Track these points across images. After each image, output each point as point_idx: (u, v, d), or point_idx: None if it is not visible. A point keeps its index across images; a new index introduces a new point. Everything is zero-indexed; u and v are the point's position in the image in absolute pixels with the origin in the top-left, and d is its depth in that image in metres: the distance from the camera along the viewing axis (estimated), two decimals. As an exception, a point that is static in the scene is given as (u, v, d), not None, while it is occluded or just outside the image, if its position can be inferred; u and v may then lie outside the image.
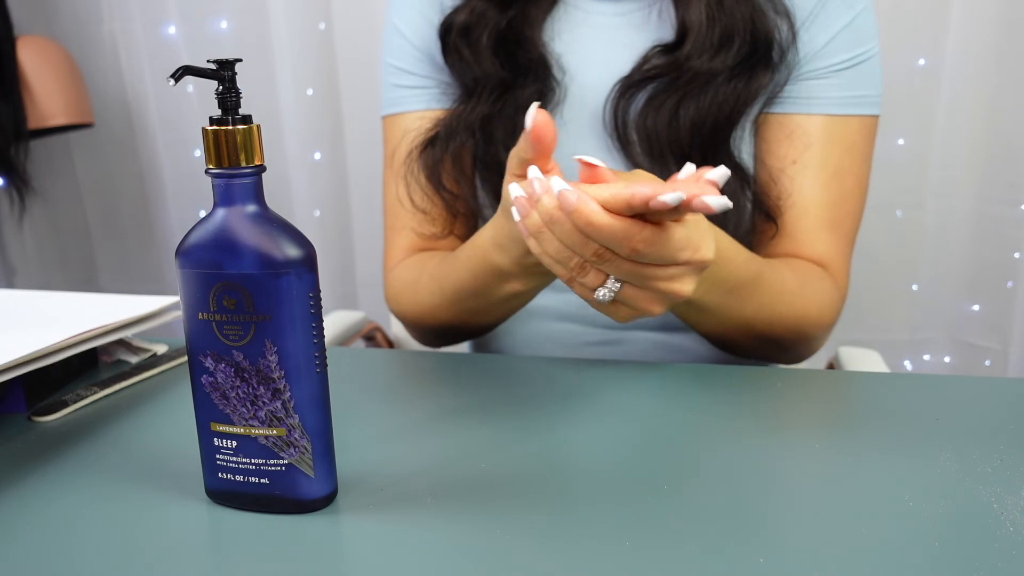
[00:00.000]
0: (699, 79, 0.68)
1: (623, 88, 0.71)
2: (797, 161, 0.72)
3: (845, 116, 0.72)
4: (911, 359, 1.48)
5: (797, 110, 0.72)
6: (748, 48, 0.69)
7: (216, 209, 0.42)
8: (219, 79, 0.41)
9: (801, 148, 0.72)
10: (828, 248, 0.73)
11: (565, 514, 0.43)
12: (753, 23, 0.69)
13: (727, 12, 0.68)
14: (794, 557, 0.39)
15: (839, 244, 0.74)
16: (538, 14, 0.75)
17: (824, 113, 0.71)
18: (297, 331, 0.41)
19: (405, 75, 0.80)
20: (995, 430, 0.52)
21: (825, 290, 0.71)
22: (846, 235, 0.74)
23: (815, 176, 0.72)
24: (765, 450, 0.50)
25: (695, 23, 0.69)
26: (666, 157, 0.70)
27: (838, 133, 0.72)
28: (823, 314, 0.71)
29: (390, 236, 0.82)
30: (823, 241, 0.73)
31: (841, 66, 0.71)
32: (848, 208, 0.74)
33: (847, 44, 0.71)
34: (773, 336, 0.69)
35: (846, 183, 0.73)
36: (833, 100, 0.71)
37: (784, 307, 0.67)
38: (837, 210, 0.73)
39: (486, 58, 0.74)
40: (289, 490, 0.43)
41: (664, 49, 0.71)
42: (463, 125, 0.75)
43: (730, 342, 0.71)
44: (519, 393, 0.60)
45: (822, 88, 0.71)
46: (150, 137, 1.67)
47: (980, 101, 1.30)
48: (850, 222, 0.74)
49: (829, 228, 0.73)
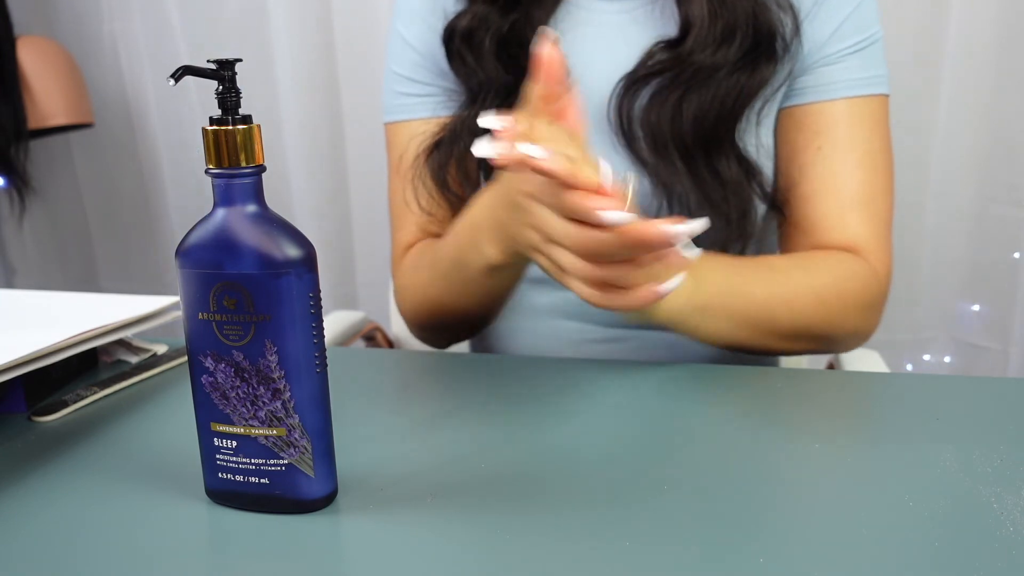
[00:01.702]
0: (702, 73, 0.69)
1: (627, 84, 0.71)
2: (822, 147, 0.72)
3: (865, 96, 0.72)
4: (911, 359, 1.48)
5: (817, 98, 0.72)
6: (751, 42, 0.69)
7: (216, 209, 0.42)
8: (219, 79, 0.41)
9: (825, 135, 0.72)
10: (861, 229, 0.72)
11: (565, 514, 0.43)
12: (755, 17, 0.69)
13: (729, 7, 0.69)
14: (794, 557, 0.39)
15: (874, 224, 0.72)
16: (541, 16, 0.75)
17: (845, 96, 0.72)
18: (297, 331, 0.41)
19: (410, 83, 0.80)
20: (995, 430, 0.52)
21: (840, 262, 0.70)
22: (881, 215, 0.73)
23: (843, 158, 0.72)
24: (765, 450, 0.50)
25: (697, 17, 0.69)
26: (670, 152, 0.70)
27: (861, 113, 0.72)
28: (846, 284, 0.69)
29: (396, 235, 0.83)
30: (855, 222, 0.72)
31: (852, 49, 0.71)
32: (882, 185, 0.73)
33: (855, 28, 0.71)
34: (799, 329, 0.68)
35: (877, 161, 0.72)
36: (851, 82, 0.72)
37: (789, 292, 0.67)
38: (870, 188, 0.72)
39: (489, 62, 0.74)
40: (289, 490, 0.43)
41: (667, 44, 0.71)
42: (467, 129, 0.75)
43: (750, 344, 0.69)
44: (519, 393, 0.60)
45: (838, 72, 0.72)
46: (150, 137, 1.67)
47: (980, 101, 1.30)
48: (884, 201, 0.73)
49: (862, 208, 0.72)
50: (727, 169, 0.70)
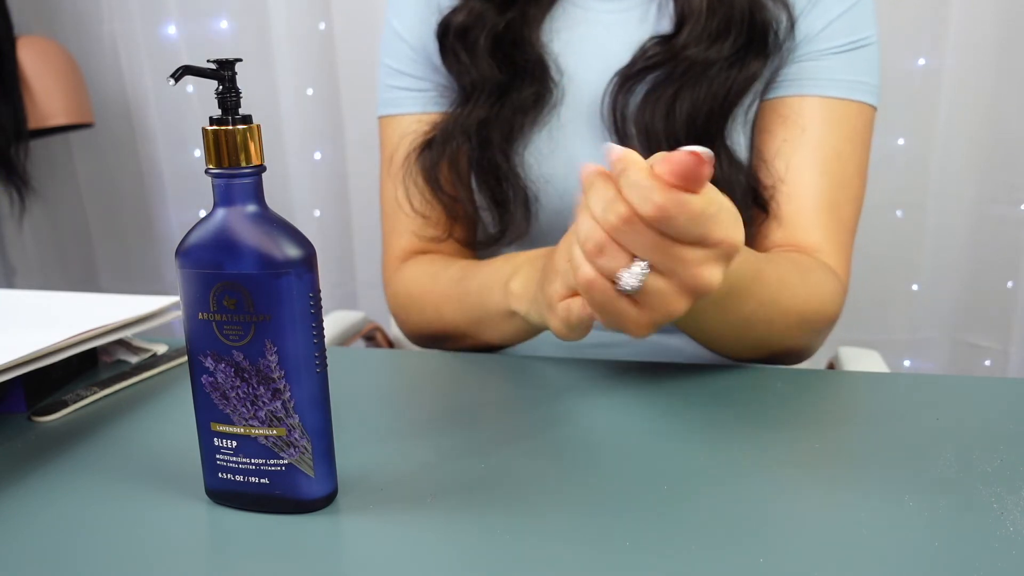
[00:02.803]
0: (695, 68, 0.68)
1: (621, 81, 0.71)
2: (788, 140, 0.70)
3: (843, 100, 0.70)
4: (911, 359, 1.48)
5: (793, 92, 0.71)
6: (744, 38, 0.69)
7: (216, 209, 0.42)
8: (219, 79, 0.41)
9: (796, 130, 0.70)
10: (826, 234, 0.71)
11: (565, 514, 0.43)
12: (751, 13, 0.68)
13: (726, 1, 0.68)
14: (794, 557, 0.39)
15: (837, 231, 0.71)
16: (537, 14, 0.75)
17: (821, 95, 0.70)
18: (297, 331, 0.41)
19: (402, 76, 0.80)
20: (995, 430, 0.52)
21: (826, 281, 0.69)
22: (845, 223, 0.72)
23: (812, 158, 0.70)
24: (765, 450, 0.50)
25: (695, 11, 0.68)
26: (663, 150, 0.69)
27: (837, 116, 0.70)
28: (824, 307, 0.68)
29: (389, 239, 0.82)
30: (821, 226, 0.70)
31: (838, 49, 0.70)
32: (848, 195, 0.71)
33: (845, 29, 0.70)
34: (773, 334, 0.67)
35: (847, 168, 0.71)
36: (830, 82, 0.70)
37: (785, 302, 0.64)
38: (836, 194, 0.71)
39: (483, 61, 0.73)
40: (289, 490, 0.43)
41: (661, 39, 0.70)
42: (459, 128, 0.74)
43: (727, 344, 0.68)
44: (519, 393, 0.60)
45: (818, 70, 0.70)
46: (150, 137, 1.67)
47: (980, 101, 1.30)
48: (849, 210, 0.72)
49: (827, 212, 0.71)
50: (718, 168, 0.69)
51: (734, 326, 0.65)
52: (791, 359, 0.72)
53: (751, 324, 0.66)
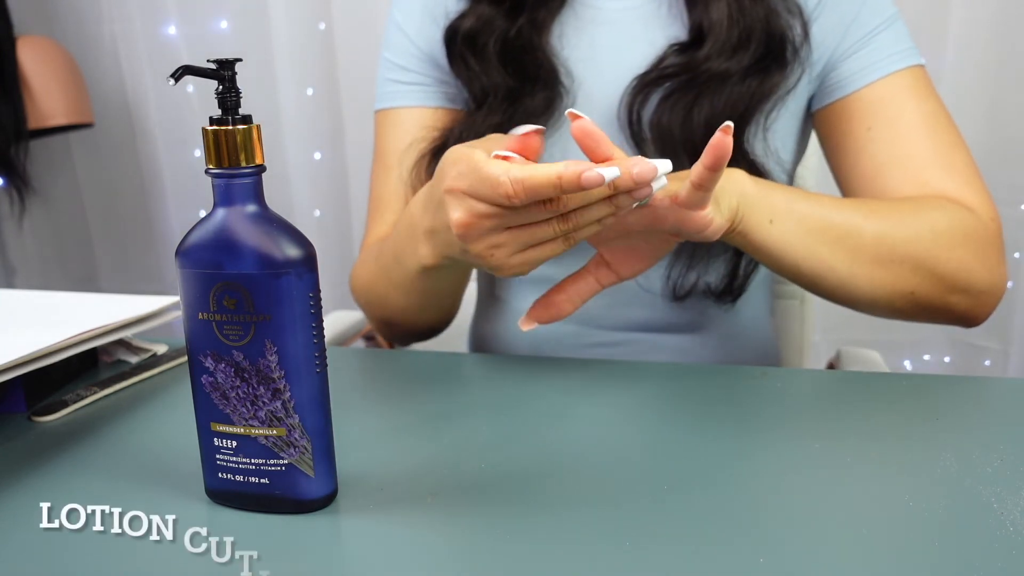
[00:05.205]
0: (715, 79, 0.68)
1: (639, 86, 0.70)
2: (872, 128, 0.70)
3: (901, 70, 0.71)
4: (911, 359, 1.48)
5: (858, 86, 0.71)
6: (763, 49, 0.69)
7: (216, 209, 0.42)
8: (219, 79, 0.41)
9: (874, 116, 0.70)
10: (945, 183, 0.68)
11: (565, 514, 0.43)
12: (768, 23, 0.68)
13: (746, 12, 0.68)
14: (794, 557, 0.39)
15: (959, 174, 0.69)
16: (546, 18, 0.74)
17: (885, 74, 0.70)
18: (297, 331, 0.41)
19: (402, 71, 0.79)
20: (995, 430, 0.52)
21: (951, 212, 0.65)
22: (962, 166, 0.70)
23: (903, 129, 0.69)
24: (765, 450, 0.50)
25: (716, 23, 0.68)
26: (679, 155, 0.69)
27: (903, 85, 0.71)
28: (953, 229, 0.64)
29: (371, 227, 0.81)
30: (937, 179, 0.68)
31: (877, 30, 0.71)
32: (950, 140, 0.70)
33: (872, 13, 0.71)
34: (897, 249, 0.63)
35: (938, 121, 0.70)
36: (883, 61, 0.71)
37: (903, 230, 0.63)
38: (940, 145, 0.69)
39: (493, 67, 0.72)
40: (289, 490, 0.43)
41: (681, 48, 0.70)
42: (473, 134, 0.74)
43: (839, 268, 0.63)
44: (519, 393, 0.60)
45: (868, 56, 0.71)
46: (150, 137, 1.68)
47: (980, 101, 1.30)
48: (961, 153, 0.70)
49: (939, 165, 0.69)
50: None
51: (815, 239, 0.62)
52: (957, 285, 0.65)
53: (836, 235, 0.62)
